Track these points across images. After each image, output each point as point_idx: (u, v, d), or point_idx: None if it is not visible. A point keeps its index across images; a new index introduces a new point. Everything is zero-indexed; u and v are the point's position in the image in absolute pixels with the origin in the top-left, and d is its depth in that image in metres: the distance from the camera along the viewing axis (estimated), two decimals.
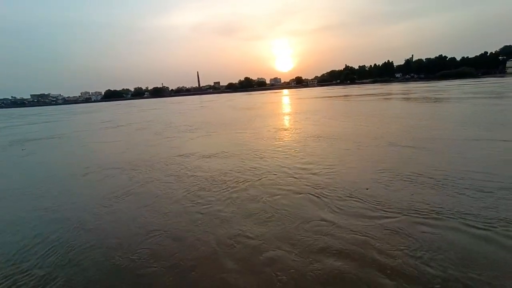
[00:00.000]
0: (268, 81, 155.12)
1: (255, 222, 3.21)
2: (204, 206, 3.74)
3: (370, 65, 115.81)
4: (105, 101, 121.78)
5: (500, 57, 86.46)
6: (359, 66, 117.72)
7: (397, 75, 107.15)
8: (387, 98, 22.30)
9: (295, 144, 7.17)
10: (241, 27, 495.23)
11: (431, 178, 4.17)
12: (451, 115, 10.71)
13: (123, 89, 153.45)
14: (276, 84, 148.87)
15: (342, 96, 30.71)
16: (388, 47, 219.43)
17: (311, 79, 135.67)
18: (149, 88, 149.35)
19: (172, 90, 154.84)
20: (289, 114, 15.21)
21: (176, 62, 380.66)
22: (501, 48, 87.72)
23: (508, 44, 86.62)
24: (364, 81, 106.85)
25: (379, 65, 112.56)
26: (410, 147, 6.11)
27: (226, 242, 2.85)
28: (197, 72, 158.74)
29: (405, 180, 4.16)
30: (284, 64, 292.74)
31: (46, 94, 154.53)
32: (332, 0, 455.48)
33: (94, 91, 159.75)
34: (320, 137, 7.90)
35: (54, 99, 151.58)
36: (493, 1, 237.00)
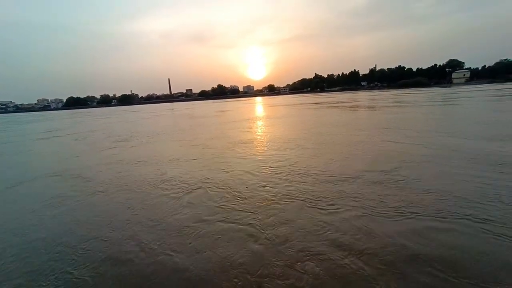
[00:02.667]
0: (241, 89, 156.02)
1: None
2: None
3: (338, 74, 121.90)
4: (67, 109, 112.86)
5: (446, 69, 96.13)
6: (328, 75, 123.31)
7: (363, 83, 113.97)
8: (333, 107, 22.96)
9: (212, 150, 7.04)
10: (213, 35, 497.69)
11: (305, 174, 5.08)
12: (367, 121, 11.05)
13: (88, 97, 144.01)
14: (249, 92, 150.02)
15: (301, 103, 31.32)
16: (354, 57, 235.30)
17: (283, 87, 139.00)
18: (117, 96, 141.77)
19: (142, 97, 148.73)
20: (228, 122, 14.78)
21: (147, 69, 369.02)
22: (447, 61, 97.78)
23: (452, 58, 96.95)
24: (333, 89, 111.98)
25: (346, 74, 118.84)
26: (309, 148, 7.02)
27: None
28: (168, 79, 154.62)
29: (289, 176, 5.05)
30: (256, 72, 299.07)
31: None
32: (302, 12, 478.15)
33: (54, 98, 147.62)
34: (242, 143, 7.89)
35: (3, 106, 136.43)
36: (441, 22, 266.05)
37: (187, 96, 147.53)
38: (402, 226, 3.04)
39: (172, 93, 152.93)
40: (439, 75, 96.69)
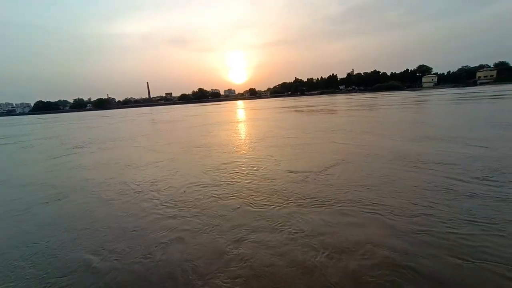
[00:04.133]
0: (222, 92, 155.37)
1: None
2: None
3: (317, 78, 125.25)
4: (34, 114, 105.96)
5: (417, 74, 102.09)
6: (308, 79, 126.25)
7: (341, 87, 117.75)
8: (300, 111, 23.50)
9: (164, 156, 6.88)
10: (194, 38, 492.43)
11: (244, 174, 5.41)
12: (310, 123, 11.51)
13: (60, 101, 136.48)
14: (230, 95, 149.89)
15: (276, 107, 31.76)
16: (333, 62, 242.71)
17: (264, 91, 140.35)
18: (92, 100, 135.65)
19: (119, 101, 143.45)
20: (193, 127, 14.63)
21: (125, 72, 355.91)
22: (417, 67, 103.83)
23: (422, 64, 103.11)
24: (313, 92, 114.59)
25: (325, 78, 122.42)
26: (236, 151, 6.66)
27: None
28: (147, 82, 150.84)
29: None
30: (238, 76, 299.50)
31: None
32: (282, 18, 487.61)
33: (19, 102, 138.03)
34: (197, 147, 7.96)
35: None
36: (412, 30, 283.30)
37: (167, 100, 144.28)
38: (317, 215, 3.42)
39: (151, 97, 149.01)
40: (410, 79, 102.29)
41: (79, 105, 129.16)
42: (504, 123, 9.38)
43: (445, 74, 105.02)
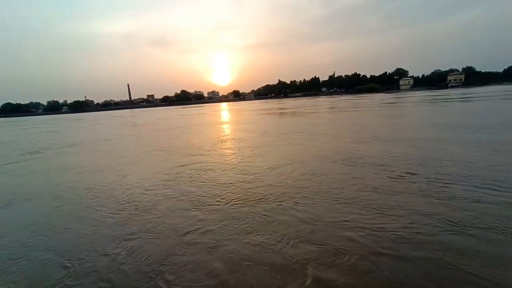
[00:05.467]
0: (206, 94, 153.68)
1: None
2: None
3: (300, 80, 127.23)
4: (1, 117, 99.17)
5: (395, 77, 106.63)
6: (291, 81, 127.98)
7: (323, 89, 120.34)
8: (273, 113, 23.77)
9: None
10: (176, 39, 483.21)
11: (190, 177, 4.87)
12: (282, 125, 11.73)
13: (32, 103, 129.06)
14: (214, 97, 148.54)
15: (254, 109, 31.83)
16: (315, 64, 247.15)
17: (248, 93, 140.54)
18: (68, 102, 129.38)
19: (98, 104, 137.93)
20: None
21: (105, 73, 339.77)
22: (395, 70, 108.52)
23: (399, 67, 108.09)
24: (296, 94, 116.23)
25: (308, 80, 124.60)
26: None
27: None
28: (128, 84, 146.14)
29: None
30: (221, 78, 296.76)
31: None
32: (266, 20, 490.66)
33: None
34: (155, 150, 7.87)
35: None
36: (389, 34, 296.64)
37: (149, 102, 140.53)
38: (259, 209, 3.76)
39: (133, 99, 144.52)
40: (389, 82, 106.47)
41: (54, 108, 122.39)
42: (448, 124, 9.95)
43: (420, 77, 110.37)
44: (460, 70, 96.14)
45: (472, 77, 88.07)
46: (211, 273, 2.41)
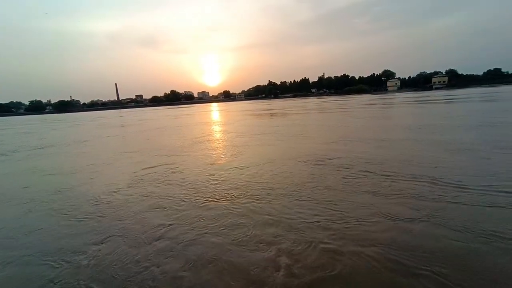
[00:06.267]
0: (196, 95, 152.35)
1: None
2: None
3: (291, 81, 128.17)
4: None
5: (382, 78, 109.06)
6: (281, 82, 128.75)
7: (313, 90, 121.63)
8: (256, 114, 23.79)
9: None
10: (165, 39, 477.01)
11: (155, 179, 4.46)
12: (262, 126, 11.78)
13: (12, 102, 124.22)
14: (204, 98, 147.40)
15: (240, 110, 31.68)
16: (305, 65, 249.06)
17: (239, 93, 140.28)
18: (52, 102, 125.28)
19: (84, 104, 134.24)
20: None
21: (92, 73, 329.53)
22: (382, 71, 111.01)
23: (386, 69, 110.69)
24: (286, 95, 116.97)
25: (297, 81, 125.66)
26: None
27: None
28: (115, 84, 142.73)
29: None
30: (212, 78, 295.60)
31: None
32: (256, 21, 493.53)
33: None
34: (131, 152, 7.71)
35: None
36: (377, 36, 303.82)
37: (138, 102, 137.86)
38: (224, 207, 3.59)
39: (121, 99, 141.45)
40: (377, 83, 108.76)
41: (37, 108, 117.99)
42: (418, 126, 10.20)
43: (407, 79, 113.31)
44: (444, 73, 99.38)
45: (455, 79, 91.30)
46: (177, 273, 2.43)
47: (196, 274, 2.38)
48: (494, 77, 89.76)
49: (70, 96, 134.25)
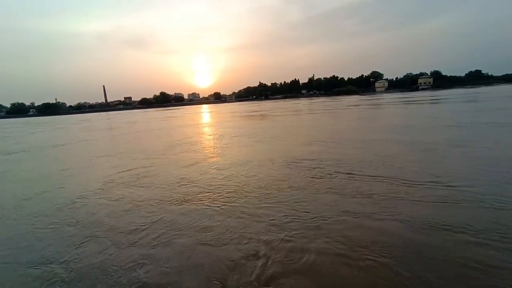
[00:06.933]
0: (186, 96, 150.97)
1: None
2: None
3: (281, 83, 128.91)
4: None
5: (371, 79, 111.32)
6: (272, 83, 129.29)
7: (303, 91, 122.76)
8: (244, 116, 23.80)
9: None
10: (155, 40, 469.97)
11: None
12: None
13: None
14: (195, 100, 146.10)
15: (226, 112, 31.63)
16: (295, 67, 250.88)
17: (229, 95, 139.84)
18: (36, 104, 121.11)
19: (70, 106, 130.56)
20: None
21: (79, 74, 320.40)
22: (371, 73, 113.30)
23: (374, 70, 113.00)
24: (277, 96, 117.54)
25: (288, 82, 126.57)
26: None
27: None
28: (103, 86, 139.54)
29: None
30: (203, 80, 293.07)
31: None
32: (247, 23, 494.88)
33: None
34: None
35: None
36: (365, 38, 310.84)
37: (126, 104, 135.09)
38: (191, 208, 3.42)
39: (109, 101, 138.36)
40: (365, 84, 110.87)
41: (19, 111, 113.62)
42: (395, 126, 10.44)
43: (394, 80, 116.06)
44: (429, 74, 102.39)
45: (439, 81, 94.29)
46: (149, 273, 2.47)
47: (168, 274, 2.43)
48: (475, 78, 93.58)
49: (56, 99, 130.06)
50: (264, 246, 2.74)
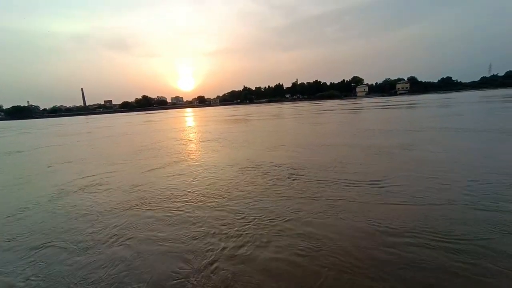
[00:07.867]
0: (169, 100, 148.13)
1: None
2: None
3: (265, 87, 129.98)
4: None
5: (352, 84, 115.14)
6: (256, 87, 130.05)
7: (287, 95, 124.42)
8: (227, 120, 23.75)
9: None
10: (137, 42, 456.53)
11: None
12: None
13: None
14: (178, 103, 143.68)
15: (205, 116, 31.29)
16: (279, 71, 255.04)
17: (214, 98, 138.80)
18: (5, 107, 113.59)
19: (45, 109, 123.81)
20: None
21: (54, 76, 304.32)
22: (352, 78, 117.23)
23: (355, 75, 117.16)
24: (261, 100, 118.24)
25: (272, 86, 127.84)
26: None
27: None
28: (81, 88, 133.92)
29: None
30: (186, 83, 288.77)
31: None
32: (231, 27, 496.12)
33: None
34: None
35: None
36: (346, 44, 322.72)
37: (106, 108, 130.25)
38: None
39: (87, 104, 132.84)
40: (347, 89, 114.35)
41: None
42: (362, 131, 10.77)
43: (374, 85, 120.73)
44: (406, 79, 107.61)
45: (415, 86, 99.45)
46: (107, 276, 2.52)
47: (124, 278, 2.49)
48: (447, 84, 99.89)
49: (28, 101, 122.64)
50: (216, 248, 2.87)
